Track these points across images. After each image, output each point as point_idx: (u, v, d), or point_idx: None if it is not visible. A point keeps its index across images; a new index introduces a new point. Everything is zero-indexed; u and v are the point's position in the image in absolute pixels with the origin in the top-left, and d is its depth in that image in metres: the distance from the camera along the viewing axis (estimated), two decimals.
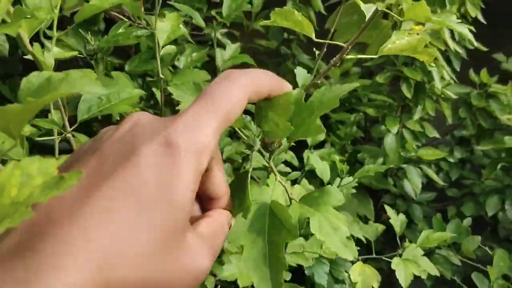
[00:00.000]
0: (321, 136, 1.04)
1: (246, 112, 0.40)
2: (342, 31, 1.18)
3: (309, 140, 1.04)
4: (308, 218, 0.44)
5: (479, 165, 1.60)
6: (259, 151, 0.46)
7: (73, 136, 0.57)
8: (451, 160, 1.54)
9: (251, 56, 0.96)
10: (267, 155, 0.47)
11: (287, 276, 0.74)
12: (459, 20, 0.51)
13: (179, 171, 0.27)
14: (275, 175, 0.45)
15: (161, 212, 0.26)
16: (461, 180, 1.62)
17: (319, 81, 0.56)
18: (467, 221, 1.36)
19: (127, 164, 0.27)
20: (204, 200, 0.36)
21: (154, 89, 0.75)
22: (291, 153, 1.07)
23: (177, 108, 0.78)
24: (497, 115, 1.41)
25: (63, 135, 0.54)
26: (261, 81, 0.35)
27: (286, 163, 1.04)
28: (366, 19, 0.49)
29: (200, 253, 0.29)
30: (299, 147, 1.31)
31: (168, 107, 0.87)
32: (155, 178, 0.27)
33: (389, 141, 1.31)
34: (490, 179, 1.45)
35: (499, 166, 1.42)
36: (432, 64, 0.50)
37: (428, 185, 1.55)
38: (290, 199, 0.46)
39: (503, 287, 1.14)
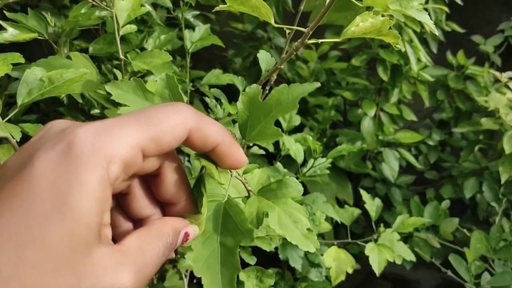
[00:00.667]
0: (298, 121, 1.02)
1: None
2: (317, 13, 1.16)
3: (284, 125, 1.02)
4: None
5: (458, 147, 1.60)
6: None
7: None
8: (430, 143, 1.54)
9: (226, 39, 0.94)
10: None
11: (252, 260, 0.72)
12: (421, 6, 0.49)
13: (79, 179, 0.24)
14: (230, 172, 0.43)
15: (55, 225, 0.24)
16: (440, 163, 1.62)
17: (281, 67, 0.54)
18: (445, 204, 1.36)
19: (20, 176, 0.24)
20: (165, 207, 0.35)
21: (116, 71, 0.72)
22: None
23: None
24: (474, 97, 1.40)
25: None
26: (209, 128, 0.32)
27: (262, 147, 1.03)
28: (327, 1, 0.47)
29: (115, 270, 0.26)
30: None
31: None
32: (50, 187, 0.24)
33: (366, 124, 1.30)
34: (468, 161, 1.45)
35: (476, 148, 1.42)
36: (398, 45, 0.48)
37: (408, 168, 1.55)
38: (248, 192, 0.45)
39: (480, 268, 1.14)
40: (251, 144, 0.43)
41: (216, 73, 0.95)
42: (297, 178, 0.90)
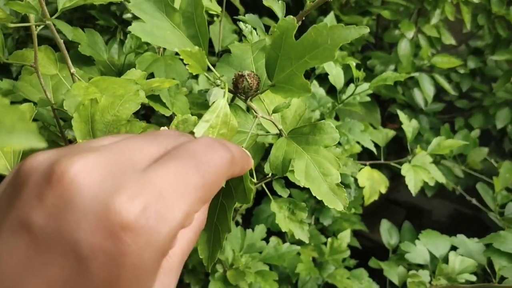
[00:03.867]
0: None
1: None
2: None
3: None
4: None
5: (490, 76, 1.54)
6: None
7: (54, 24, 0.49)
8: (461, 71, 1.48)
9: None
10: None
11: (285, 193, 0.70)
12: None
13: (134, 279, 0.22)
14: (255, 112, 0.39)
15: None
16: (469, 92, 1.57)
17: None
18: (475, 133, 1.33)
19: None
20: None
21: None
22: None
23: None
24: None
25: (42, 22, 0.47)
26: (238, 162, 0.29)
27: None
28: None
29: None
30: None
31: None
32: None
33: (403, 46, 1.24)
34: (502, 91, 1.40)
35: None
36: None
37: (435, 95, 1.51)
38: (280, 132, 0.41)
39: (507, 198, 1.14)
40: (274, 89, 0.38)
41: None
42: (334, 106, 0.87)
